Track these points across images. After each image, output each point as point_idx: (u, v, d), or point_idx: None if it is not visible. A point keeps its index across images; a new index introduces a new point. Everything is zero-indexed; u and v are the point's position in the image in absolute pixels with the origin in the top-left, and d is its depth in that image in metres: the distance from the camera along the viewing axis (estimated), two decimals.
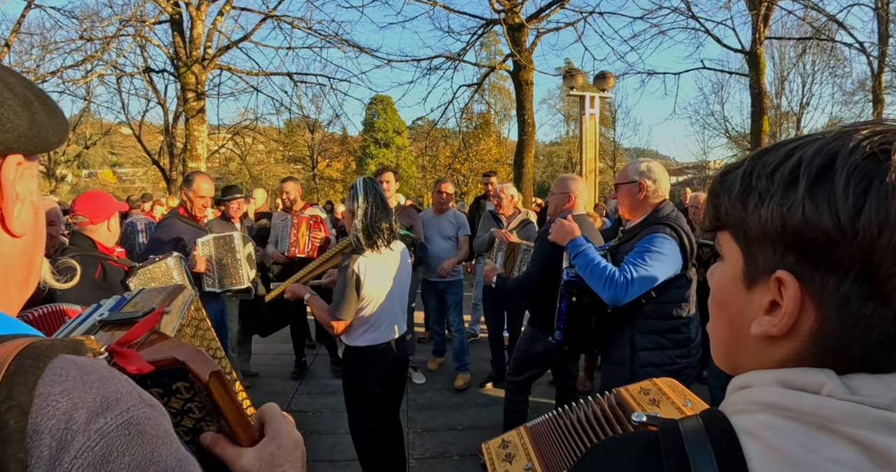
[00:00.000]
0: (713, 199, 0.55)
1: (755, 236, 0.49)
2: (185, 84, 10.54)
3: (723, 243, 0.55)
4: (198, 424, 0.66)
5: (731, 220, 0.52)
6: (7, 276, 0.54)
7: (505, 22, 11.30)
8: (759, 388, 0.50)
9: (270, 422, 0.70)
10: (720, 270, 0.57)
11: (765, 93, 12.67)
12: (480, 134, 28.76)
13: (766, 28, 12.19)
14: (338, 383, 5.05)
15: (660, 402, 1.34)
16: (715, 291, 0.58)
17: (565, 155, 32.40)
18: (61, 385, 0.44)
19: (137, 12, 10.65)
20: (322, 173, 30.00)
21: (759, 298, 0.50)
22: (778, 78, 21.18)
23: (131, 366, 0.58)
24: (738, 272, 0.52)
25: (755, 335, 0.50)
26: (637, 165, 2.42)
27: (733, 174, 0.53)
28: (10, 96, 0.50)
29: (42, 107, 0.54)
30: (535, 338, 3.03)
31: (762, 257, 0.49)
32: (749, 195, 0.50)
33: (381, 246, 2.42)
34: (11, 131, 0.50)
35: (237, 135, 21.46)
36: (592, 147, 10.09)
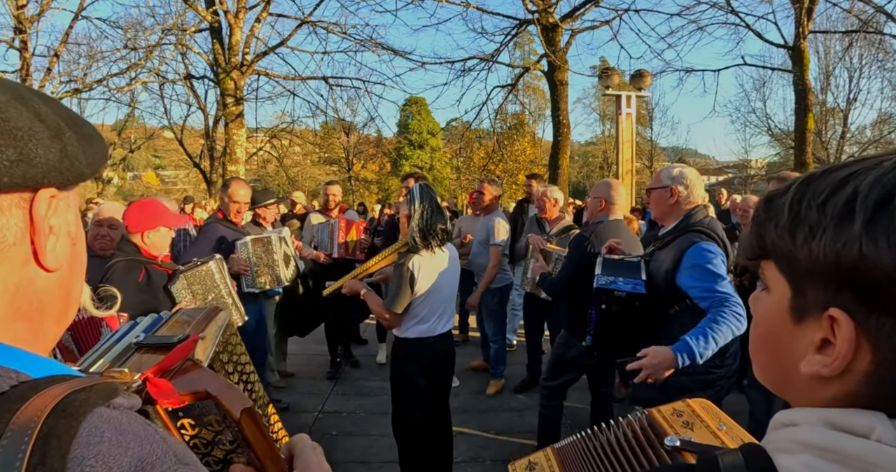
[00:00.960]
0: (757, 227, 0.53)
1: (805, 270, 0.47)
2: (225, 90, 10.82)
3: (767, 273, 0.53)
4: (228, 455, 0.67)
5: (777, 250, 0.50)
6: (42, 312, 0.53)
7: (539, 22, 11.22)
8: (803, 427, 0.47)
9: (299, 455, 0.71)
10: (765, 299, 0.54)
11: (809, 89, 12.22)
12: (515, 135, 28.63)
13: (810, 22, 11.75)
14: (373, 384, 5.13)
15: (693, 425, 1.28)
16: (760, 320, 0.55)
17: (601, 155, 31.98)
18: (96, 448, 0.42)
19: (178, 21, 11.01)
20: (357, 175, 30.36)
21: (810, 334, 0.47)
22: (823, 73, 20.43)
23: (164, 399, 0.59)
24: (785, 305, 0.50)
25: (805, 374, 0.48)
26: (670, 171, 2.40)
27: (779, 202, 0.50)
28: (40, 129, 0.49)
29: (75, 137, 0.53)
30: (570, 343, 3.01)
31: (812, 293, 0.47)
32: (798, 226, 0.47)
33: (435, 247, 2.60)
34: (41, 166, 0.48)
35: (275, 138, 21.92)
36: (629, 147, 9.93)
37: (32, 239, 0.50)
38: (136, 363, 0.73)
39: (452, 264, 2.76)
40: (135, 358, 0.75)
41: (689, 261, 2.18)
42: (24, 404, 0.41)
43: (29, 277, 0.50)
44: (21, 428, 0.40)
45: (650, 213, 6.14)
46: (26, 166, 0.47)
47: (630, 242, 2.89)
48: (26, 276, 0.50)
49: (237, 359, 1.05)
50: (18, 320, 0.50)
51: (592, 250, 2.83)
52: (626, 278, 2.28)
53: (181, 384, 0.63)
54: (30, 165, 0.47)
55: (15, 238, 0.49)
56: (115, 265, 2.56)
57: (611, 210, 2.97)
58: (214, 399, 0.63)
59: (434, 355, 2.75)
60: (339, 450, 3.57)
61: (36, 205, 0.50)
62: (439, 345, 2.75)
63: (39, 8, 11.39)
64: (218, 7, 10.63)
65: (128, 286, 2.42)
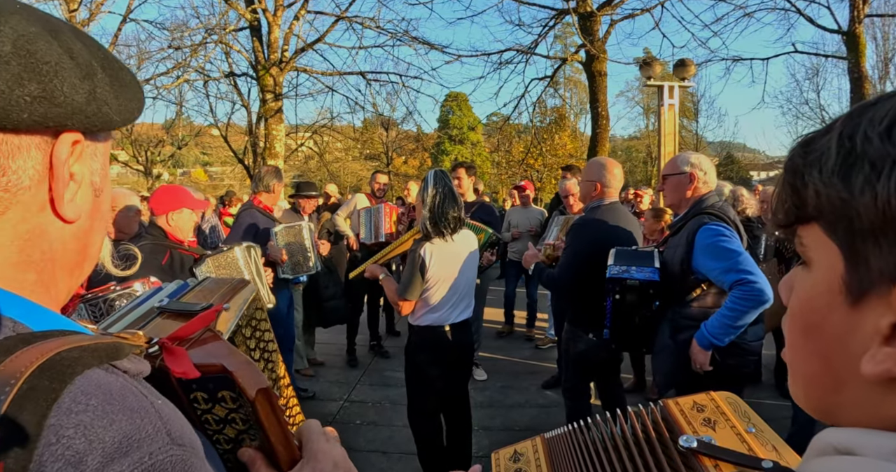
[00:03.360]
0: (792, 179, 0.40)
1: (867, 226, 0.33)
2: (264, 86, 11.07)
3: (808, 242, 0.39)
4: (240, 435, 0.64)
5: (824, 206, 0.36)
6: (55, 262, 0.49)
7: (576, 11, 11.01)
8: (869, 461, 0.34)
9: (308, 442, 0.67)
10: (803, 279, 0.41)
11: (866, 77, 11.58)
12: (555, 129, 28.25)
13: (866, 5, 11.12)
14: (400, 376, 5.11)
15: (716, 423, 1.07)
16: (797, 309, 0.42)
17: (645, 150, 31.18)
18: (78, 417, 0.37)
19: (221, 20, 11.28)
20: (398, 170, 30.58)
21: (874, 319, 0.34)
22: (881, 60, 19.28)
23: (178, 368, 0.55)
24: (837, 282, 0.37)
25: (868, 375, 0.34)
26: (687, 156, 2.38)
27: (823, 141, 0.38)
28: (69, 66, 0.45)
29: (108, 79, 0.49)
30: (576, 336, 2.88)
31: (879, 258, 0.33)
32: (854, 167, 0.34)
33: (448, 234, 2.55)
34: (65, 106, 0.45)
35: (316, 134, 22.28)
36: (672, 140, 9.65)
37: (50, 185, 0.47)
38: (155, 328, 0.70)
39: (469, 252, 2.71)
40: (155, 323, 0.72)
41: (700, 242, 2.13)
42: (10, 357, 0.38)
43: (43, 225, 0.47)
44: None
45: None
46: (49, 104, 0.44)
47: (632, 227, 2.77)
48: (40, 224, 0.47)
49: (260, 335, 1.02)
50: (28, 270, 0.47)
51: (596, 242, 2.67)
52: (640, 266, 2.22)
53: (198, 355, 0.59)
54: (52, 104, 0.44)
55: (31, 181, 0.45)
56: (141, 247, 2.64)
57: (606, 194, 2.75)
58: (230, 375, 0.59)
59: (446, 345, 2.70)
60: (361, 439, 3.59)
61: (57, 148, 0.47)
62: (453, 334, 2.71)
63: (89, 12, 11.92)
64: (257, 6, 10.86)
65: (150, 268, 2.48)
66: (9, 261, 0.45)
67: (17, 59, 0.42)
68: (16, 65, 0.42)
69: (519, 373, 4.87)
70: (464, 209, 2.64)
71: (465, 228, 2.69)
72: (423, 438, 2.81)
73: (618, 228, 2.68)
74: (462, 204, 2.62)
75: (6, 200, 0.44)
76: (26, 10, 0.46)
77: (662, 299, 2.20)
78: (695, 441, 0.93)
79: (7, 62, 0.42)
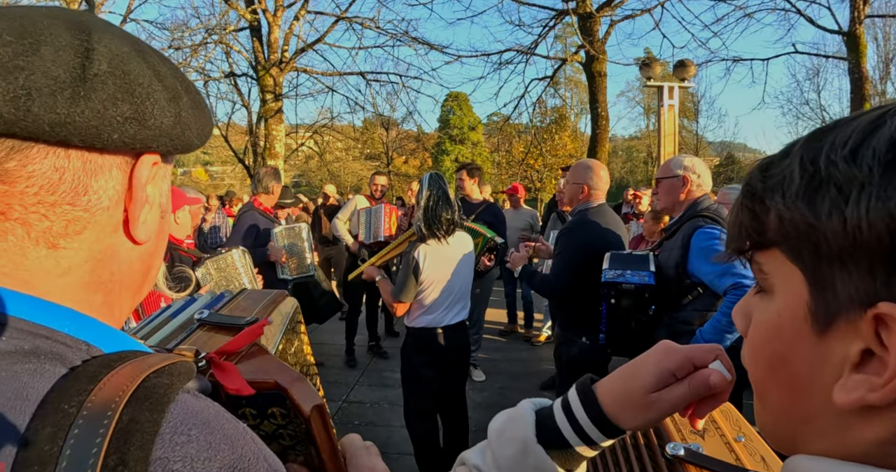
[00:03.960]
0: (751, 203, 0.39)
1: (835, 251, 0.33)
2: (264, 86, 11.08)
3: (769, 269, 0.39)
4: (286, 451, 0.64)
5: (788, 231, 0.36)
6: (121, 283, 0.49)
7: (576, 12, 11.01)
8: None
9: (352, 458, 0.67)
10: (765, 307, 0.40)
11: (866, 78, 11.57)
12: (555, 129, 28.24)
13: (867, 5, 11.10)
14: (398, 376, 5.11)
15: (706, 431, 1.06)
16: (760, 340, 0.40)
17: (645, 150, 31.17)
18: (182, 449, 0.37)
19: (221, 20, 11.29)
20: (398, 170, 30.57)
21: (843, 346, 0.33)
22: (882, 61, 19.30)
23: (231, 384, 0.54)
24: (802, 309, 0.36)
25: (842, 405, 0.33)
26: (680, 160, 2.36)
27: (782, 166, 0.37)
28: (158, 88, 0.45)
29: (190, 102, 0.49)
30: (568, 341, 2.82)
31: (848, 283, 0.33)
32: (819, 191, 0.33)
33: (442, 237, 2.56)
34: (153, 129, 0.45)
35: (316, 134, 22.28)
36: (672, 141, 9.66)
37: (126, 206, 0.46)
38: (199, 341, 0.68)
39: (465, 255, 2.71)
40: (196, 335, 0.70)
41: (696, 245, 2.12)
42: (98, 384, 0.37)
43: (115, 246, 0.47)
44: (96, 416, 0.35)
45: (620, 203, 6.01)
46: (139, 126, 0.44)
47: (618, 228, 2.75)
48: (112, 245, 0.46)
49: (300, 348, 1.00)
50: (97, 291, 0.46)
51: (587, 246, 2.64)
52: (635, 270, 2.21)
53: (248, 370, 0.58)
54: (143, 126, 0.44)
55: (110, 202, 0.45)
56: None
57: (593, 196, 2.72)
58: (285, 392, 0.58)
59: (441, 347, 2.71)
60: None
61: (138, 170, 0.46)
62: (447, 336, 2.72)
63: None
64: (257, 6, 10.87)
65: None
66: (81, 281, 0.45)
67: (112, 78, 0.42)
68: (111, 84, 0.42)
69: (518, 374, 4.88)
70: (462, 211, 2.66)
71: (460, 231, 2.69)
72: (419, 438, 2.83)
73: (608, 230, 2.66)
74: (456, 207, 2.62)
75: (84, 219, 0.44)
76: (115, 29, 0.46)
77: (658, 303, 2.19)
78: (682, 449, 0.92)
79: (104, 81, 0.42)
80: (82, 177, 0.43)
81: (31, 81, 0.39)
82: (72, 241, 0.43)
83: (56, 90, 0.39)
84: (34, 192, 0.41)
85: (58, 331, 0.41)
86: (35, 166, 0.40)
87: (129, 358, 0.41)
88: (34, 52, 0.40)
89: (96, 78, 0.41)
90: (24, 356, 0.38)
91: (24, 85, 0.39)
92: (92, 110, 0.41)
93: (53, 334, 0.40)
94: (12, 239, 0.41)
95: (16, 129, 0.39)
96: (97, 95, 0.41)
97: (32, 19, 0.41)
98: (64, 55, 0.41)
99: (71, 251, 0.44)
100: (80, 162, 0.42)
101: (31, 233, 0.42)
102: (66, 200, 0.42)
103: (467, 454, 0.66)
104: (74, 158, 0.42)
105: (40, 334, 0.40)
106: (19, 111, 0.38)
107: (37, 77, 0.39)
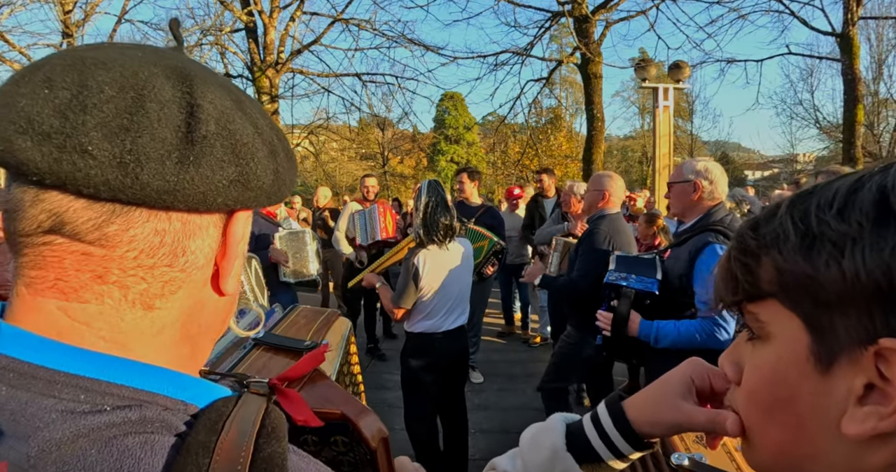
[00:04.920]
0: (744, 258, 0.42)
1: (834, 298, 0.36)
2: (260, 88, 11.06)
3: (766, 318, 0.42)
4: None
5: (787, 283, 0.39)
6: (206, 334, 0.49)
7: (571, 14, 11.05)
8: None
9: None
10: (762, 354, 0.43)
11: (859, 79, 11.66)
12: (550, 129, 28.27)
13: (860, 7, 11.20)
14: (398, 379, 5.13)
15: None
16: (759, 385, 0.43)
17: (640, 149, 31.22)
18: None
19: (216, 22, 11.27)
20: (394, 170, 30.53)
21: (847, 381, 0.37)
22: (875, 62, 19.36)
23: (298, 415, 0.53)
24: (804, 352, 0.39)
25: (853, 435, 0.36)
26: (693, 164, 2.26)
27: (773, 224, 0.41)
28: (260, 146, 0.44)
29: (285, 155, 0.47)
30: (584, 342, 2.90)
31: (848, 325, 0.36)
32: (814, 246, 0.37)
33: (441, 243, 2.61)
34: (255, 190, 0.43)
35: (311, 134, 22.22)
36: (667, 141, 9.71)
37: (217, 262, 0.45)
38: (257, 363, 0.67)
39: (464, 260, 2.75)
40: (254, 356, 0.69)
41: (700, 264, 2.07)
42: (213, 457, 0.38)
43: (203, 300, 0.46)
44: None
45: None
46: (242, 188, 0.42)
47: (626, 238, 2.89)
48: (201, 299, 0.46)
49: (352, 369, 0.99)
50: (185, 345, 0.46)
51: (613, 243, 2.79)
52: (640, 275, 2.20)
53: (312, 398, 0.58)
54: (246, 187, 0.42)
55: (205, 260, 0.44)
56: None
57: (611, 203, 2.94)
58: (353, 424, 0.59)
59: (440, 351, 2.75)
60: None
61: (233, 227, 0.45)
62: (447, 341, 2.76)
63: (84, 13, 11.87)
64: (252, 7, 10.86)
65: None
66: (173, 339, 0.45)
67: (220, 140, 0.41)
68: (219, 147, 0.41)
69: (515, 376, 4.90)
70: (460, 214, 2.70)
71: (459, 236, 2.74)
72: (420, 442, 2.86)
73: (624, 234, 2.86)
74: (455, 213, 2.67)
75: (180, 279, 0.43)
76: (212, 76, 0.44)
77: (661, 310, 2.16)
78: (686, 459, 0.94)
79: (212, 145, 0.40)
80: (181, 239, 0.42)
81: (138, 144, 0.37)
82: (166, 301, 0.43)
83: (164, 154, 0.38)
84: (134, 255, 0.40)
85: (158, 394, 0.41)
86: (136, 230, 0.40)
87: (223, 412, 0.42)
88: (138, 109, 0.38)
89: (205, 141, 0.40)
90: (133, 426, 0.38)
91: (132, 149, 0.37)
92: (200, 176, 0.40)
93: (155, 399, 0.41)
94: (109, 302, 0.41)
95: (121, 195, 0.37)
96: (206, 160, 0.40)
97: (132, 68, 0.39)
98: (169, 112, 0.39)
99: (165, 311, 0.43)
100: (180, 224, 0.41)
101: (129, 295, 0.41)
102: (164, 262, 0.42)
103: (498, 460, 0.70)
104: (175, 220, 0.41)
105: (144, 401, 0.40)
106: (127, 178, 0.37)
107: (144, 140, 0.38)
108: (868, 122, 17.10)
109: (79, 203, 0.38)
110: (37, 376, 0.38)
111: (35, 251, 0.39)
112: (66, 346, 0.39)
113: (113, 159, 0.37)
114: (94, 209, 0.38)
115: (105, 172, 0.37)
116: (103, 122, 0.37)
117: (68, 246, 0.39)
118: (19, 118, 0.36)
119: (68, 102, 0.37)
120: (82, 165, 0.36)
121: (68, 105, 0.37)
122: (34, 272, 0.40)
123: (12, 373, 0.38)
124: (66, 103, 0.37)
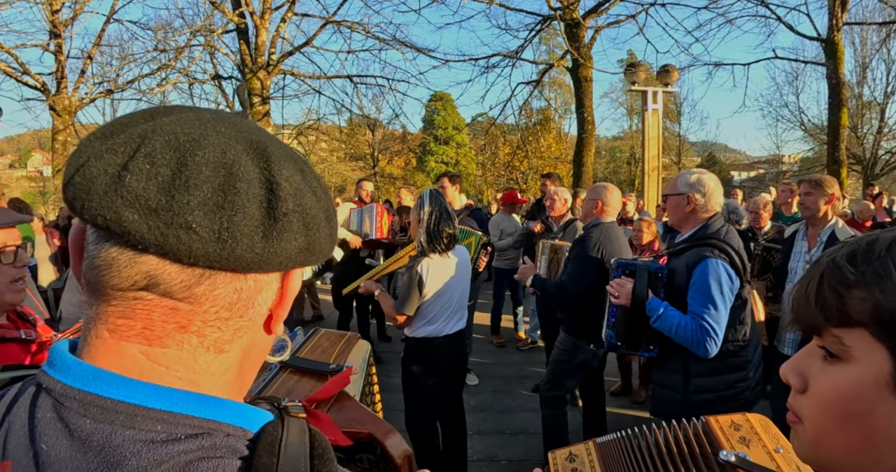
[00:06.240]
0: (839, 288, 0.47)
1: None
2: (251, 89, 11.01)
3: (851, 343, 0.46)
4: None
5: (884, 318, 0.44)
6: (255, 367, 0.54)
7: (562, 18, 11.13)
8: None
9: None
10: (839, 373, 0.48)
11: (843, 83, 11.85)
12: (540, 130, 28.38)
13: (845, 13, 11.39)
14: (395, 381, 5.11)
15: (750, 442, 1.20)
16: (833, 398, 0.48)
17: (628, 150, 31.42)
18: None
19: (207, 23, 11.21)
20: (383, 171, 30.45)
21: None
22: (859, 66, 19.75)
23: (328, 435, 0.58)
24: (885, 379, 0.44)
25: None
26: (687, 177, 2.28)
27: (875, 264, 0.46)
28: (321, 215, 0.49)
29: (332, 215, 0.52)
30: (577, 348, 2.98)
31: None
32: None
33: (443, 250, 2.66)
34: (317, 254, 0.49)
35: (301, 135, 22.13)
36: (655, 144, 9.82)
37: (273, 309, 0.50)
38: (285, 385, 0.71)
39: (462, 267, 2.82)
40: (282, 379, 0.74)
41: (696, 277, 2.10)
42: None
43: (256, 340, 0.51)
44: None
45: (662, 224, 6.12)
46: (308, 254, 0.48)
47: (621, 246, 2.97)
48: (255, 339, 0.51)
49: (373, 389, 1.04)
50: (239, 378, 0.51)
51: (602, 251, 2.86)
52: (646, 262, 2.27)
53: (339, 419, 0.62)
54: (310, 253, 0.48)
55: (267, 309, 0.50)
56: None
57: (605, 212, 3.03)
58: (379, 443, 0.63)
59: (442, 355, 2.81)
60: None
61: (292, 282, 0.51)
62: (447, 345, 2.81)
63: (73, 12, 11.74)
64: (244, 9, 10.82)
65: None
66: (234, 375, 0.50)
67: (296, 216, 0.46)
68: (296, 222, 0.46)
69: (510, 377, 4.95)
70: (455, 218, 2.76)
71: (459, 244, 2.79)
72: (421, 443, 2.88)
73: (617, 242, 2.92)
74: (456, 222, 2.72)
75: (246, 327, 0.49)
76: (282, 149, 0.49)
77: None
78: (733, 456, 1.03)
79: (290, 221, 0.45)
80: (253, 294, 0.47)
81: (233, 222, 0.42)
82: (233, 345, 0.49)
83: (253, 230, 0.43)
84: (216, 310, 0.46)
85: (222, 423, 0.45)
86: (220, 290, 0.45)
87: (276, 436, 0.46)
88: (230, 188, 0.43)
89: (285, 217, 0.45)
90: (205, 452, 0.42)
91: (228, 226, 0.42)
92: (282, 248, 0.45)
93: (220, 427, 0.45)
94: (187, 348, 0.46)
95: (215, 264, 0.43)
96: (286, 234, 0.45)
97: (221, 147, 0.44)
98: (254, 190, 0.44)
99: (232, 354, 0.49)
100: (253, 282, 0.47)
101: (205, 342, 0.47)
102: (237, 314, 0.47)
103: None
104: (251, 279, 0.46)
105: (211, 429, 0.44)
106: (224, 251, 0.42)
107: (238, 218, 0.43)
108: (852, 124, 17.41)
109: (173, 268, 0.43)
110: (118, 411, 0.42)
111: (125, 304, 0.44)
112: (145, 383, 0.44)
113: (213, 235, 0.42)
114: (186, 273, 0.43)
115: (206, 246, 0.42)
116: (203, 201, 0.42)
117: (158, 302, 0.44)
118: (127, 193, 0.41)
119: (171, 180, 0.41)
120: (186, 239, 0.41)
121: (171, 183, 0.41)
122: (121, 321, 0.45)
123: (96, 408, 0.42)
124: (170, 182, 0.41)
